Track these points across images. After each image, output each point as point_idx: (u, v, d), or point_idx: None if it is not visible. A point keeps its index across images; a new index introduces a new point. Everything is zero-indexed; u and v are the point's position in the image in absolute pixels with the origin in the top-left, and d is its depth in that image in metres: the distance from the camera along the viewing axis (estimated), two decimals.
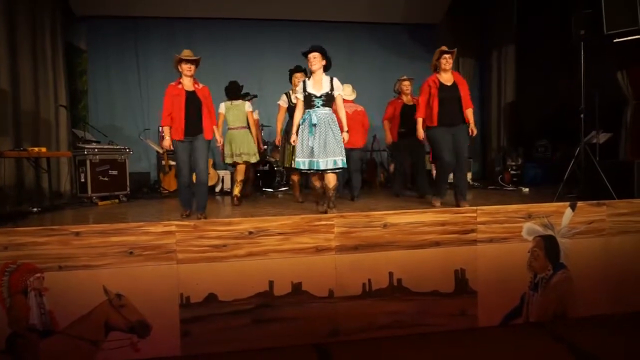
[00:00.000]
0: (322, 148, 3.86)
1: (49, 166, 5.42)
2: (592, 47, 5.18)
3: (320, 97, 3.93)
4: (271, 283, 3.32)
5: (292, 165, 4.98)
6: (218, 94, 8.18)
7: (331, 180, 3.97)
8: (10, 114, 5.94)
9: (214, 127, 4.25)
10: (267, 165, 7.14)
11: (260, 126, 6.82)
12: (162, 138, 7.12)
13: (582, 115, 4.98)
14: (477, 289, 3.60)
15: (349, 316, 3.41)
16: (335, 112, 4.05)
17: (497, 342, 3.43)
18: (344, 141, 3.96)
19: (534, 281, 3.70)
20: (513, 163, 7.31)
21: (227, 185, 7.23)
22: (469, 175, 7.70)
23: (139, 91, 8.29)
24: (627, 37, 5.05)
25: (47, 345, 3.03)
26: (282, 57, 8.34)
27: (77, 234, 3.10)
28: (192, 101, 4.12)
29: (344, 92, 4.20)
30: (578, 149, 4.96)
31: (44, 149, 5.16)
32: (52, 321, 3.04)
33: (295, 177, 5.48)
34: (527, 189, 6.08)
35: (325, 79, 3.99)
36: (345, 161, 3.94)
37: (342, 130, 3.99)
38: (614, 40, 5.18)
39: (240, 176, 5.45)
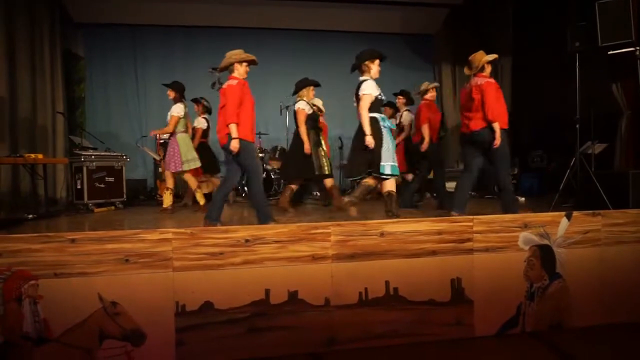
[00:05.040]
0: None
1: (45, 173, 5.41)
2: (587, 59, 5.24)
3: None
4: (267, 291, 3.30)
5: (325, 172, 5.17)
6: (215, 102, 8.24)
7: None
8: (7, 120, 5.94)
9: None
10: (265, 173, 7.14)
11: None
12: (159, 145, 7.18)
13: (577, 126, 5.02)
14: (474, 298, 3.60)
15: (345, 325, 3.40)
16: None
17: (493, 352, 3.43)
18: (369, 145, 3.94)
19: (530, 291, 3.70)
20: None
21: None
22: None
23: (136, 98, 8.31)
24: (621, 49, 5.11)
25: (41, 353, 3.00)
26: (280, 66, 8.41)
27: (73, 241, 3.08)
28: None
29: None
30: (574, 159, 4.99)
31: (40, 156, 5.15)
32: (46, 329, 3.01)
33: (330, 183, 5.42)
34: (523, 199, 6.11)
35: None
36: None
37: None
38: (609, 53, 5.24)
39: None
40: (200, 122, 6.23)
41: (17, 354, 2.98)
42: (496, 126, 4.14)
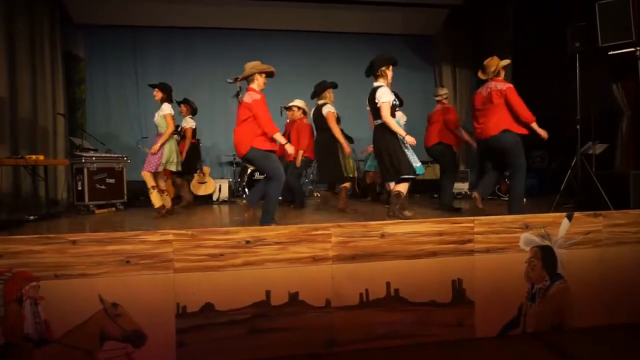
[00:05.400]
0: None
1: (46, 174, 5.41)
2: (587, 59, 5.24)
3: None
4: (268, 293, 3.31)
5: (351, 175, 5.28)
6: (215, 103, 8.25)
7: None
8: (8, 121, 5.95)
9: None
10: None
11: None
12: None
13: (578, 126, 5.01)
14: (475, 299, 3.60)
15: (346, 326, 3.40)
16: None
17: (494, 353, 3.42)
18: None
19: (531, 292, 3.70)
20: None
21: (225, 194, 7.23)
22: (466, 185, 7.74)
23: (136, 100, 8.32)
24: (621, 49, 5.11)
25: (42, 354, 3.00)
26: (280, 68, 8.41)
27: (74, 242, 3.09)
28: None
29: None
30: (574, 159, 4.99)
31: (41, 157, 5.15)
32: (47, 330, 3.01)
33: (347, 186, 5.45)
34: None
35: None
36: None
37: None
38: (609, 53, 5.24)
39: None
40: (189, 122, 6.21)
41: (18, 355, 2.98)
42: (535, 125, 4.21)
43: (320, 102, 5.37)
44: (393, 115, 4.06)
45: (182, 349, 3.18)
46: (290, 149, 4.03)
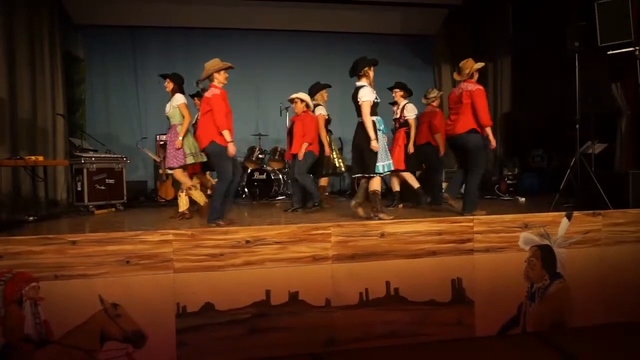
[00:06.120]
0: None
1: (45, 175, 5.40)
2: (586, 58, 5.24)
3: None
4: (268, 292, 3.31)
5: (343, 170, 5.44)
6: None
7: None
8: (8, 122, 5.95)
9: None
10: (265, 174, 7.14)
11: None
12: (159, 147, 7.18)
13: (577, 126, 5.02)
14: (474, 298, 3.60)
15: (346, 326, 3.40)
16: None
17: (494, 352, 3.43)
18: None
19: (530, 291, 3.71)
20: (509, 173, 7.33)
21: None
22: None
23: (136, 100, 8.31)
24: (620, 49, 5.10)
25: (42, 355, 3.00)
26: (280, 67, 8.42)
27: (74, 242, 3.09)
28: None
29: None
30: (574, 159, 4.99)
31: (40, 158, 5.14)
32: (47, 331, 3.02)
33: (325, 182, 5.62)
34: (523, 199, 6.10)
35: None
36: None
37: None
38: (608, 52, 5.24)
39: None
40: None
41: (18, 356, 2.98)
42: (489, 130, 4.31)
43: (314, 103, 5.54)
44: (375, 113, 4.16)
45: (182, 349, 3.18)
46: (232, 149, 4.03)
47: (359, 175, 4.22)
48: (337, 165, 5.84)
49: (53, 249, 3.06)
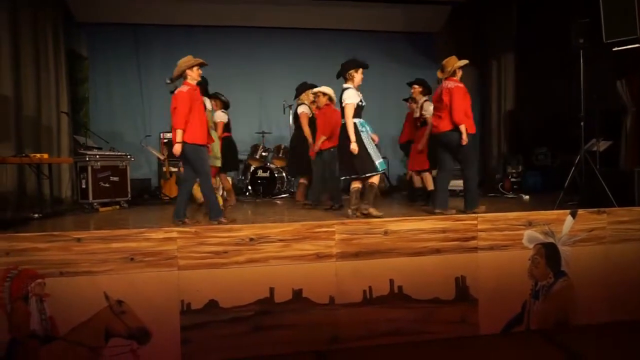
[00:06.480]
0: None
1: (50, 172, 5.43)
2: (591, 55, 5.21)
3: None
4: (272, 290, 3.32)
5: None
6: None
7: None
8: (13, 120, 5.97)
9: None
10: (268, 172, 7.14)
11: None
12: (163, 144, 7.18)
13: (582, 123, 4.99)
14: (478, 296, 3.60)
15: (350, 323, 3.41)
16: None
17: (498, 350, 3.43)
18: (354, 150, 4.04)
19: (535, 289, 3.70)
20: (513, 170, 7.31)
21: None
22: (460, 182, 7.70)
23: (140, 98, 8.32)
24: (626, 45, 5.07)
25: (48, 351, 3.02)
26: (283, 65, 8.42)
27: (79, 240, 3.11)
28: None
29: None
30: (578, 156, 4.97)
31: (45, 156, 5.16)
32: (53, 327, 3.04)
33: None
34: (527, 197, 6.08)
35: None
36: None
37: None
38: (613, 49, 5.21)
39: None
40: (221, 116, 6.06)
41: (24, 352, 3.00)
42: (463, 128, 4.25)
43: (299, 102, 5.75)
44: (359, 115, 4.18)
45: (186, 346, 3.19)
46: (176, 150, 3.90)
47: (354, 176, 4.15)
48: None
49: (58, 246, 3.07)
